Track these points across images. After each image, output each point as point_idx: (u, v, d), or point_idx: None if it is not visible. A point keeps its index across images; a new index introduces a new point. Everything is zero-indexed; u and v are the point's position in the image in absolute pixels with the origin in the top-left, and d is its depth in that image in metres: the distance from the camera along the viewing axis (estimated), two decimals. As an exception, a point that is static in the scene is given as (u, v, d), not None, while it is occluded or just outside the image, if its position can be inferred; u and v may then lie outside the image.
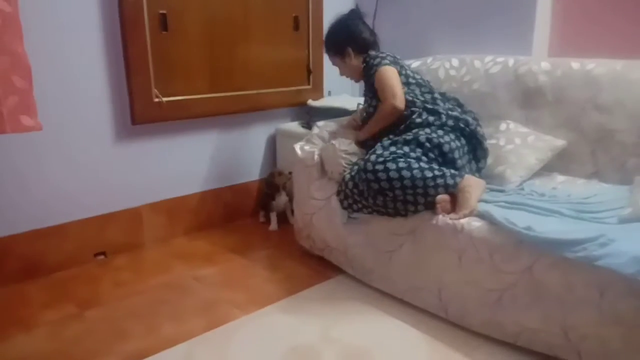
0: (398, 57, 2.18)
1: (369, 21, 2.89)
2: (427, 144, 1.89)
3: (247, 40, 2.62)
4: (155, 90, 2.32)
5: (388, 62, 2.10)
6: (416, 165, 1.80)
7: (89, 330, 1.81)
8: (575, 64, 2.11)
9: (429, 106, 2.04)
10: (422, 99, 2.07)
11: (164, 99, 2.35)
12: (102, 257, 2.37)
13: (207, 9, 2.43)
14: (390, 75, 2.06)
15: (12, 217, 2.09)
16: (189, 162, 2.60)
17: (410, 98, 2.06)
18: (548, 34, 2.44)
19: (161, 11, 2.27)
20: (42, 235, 2.17)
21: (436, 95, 2.12)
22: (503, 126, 2.17)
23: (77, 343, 1.74)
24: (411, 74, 2.14)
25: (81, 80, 2.16)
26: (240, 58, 2.62)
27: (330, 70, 2.39)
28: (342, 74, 2.29)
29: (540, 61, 2.19)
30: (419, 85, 2.11)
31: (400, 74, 2.09)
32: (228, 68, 2.58)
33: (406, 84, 2.10)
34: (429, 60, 2.52)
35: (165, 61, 2.34)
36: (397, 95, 2.00)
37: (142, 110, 2.30)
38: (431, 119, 2.00)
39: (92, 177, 2.28)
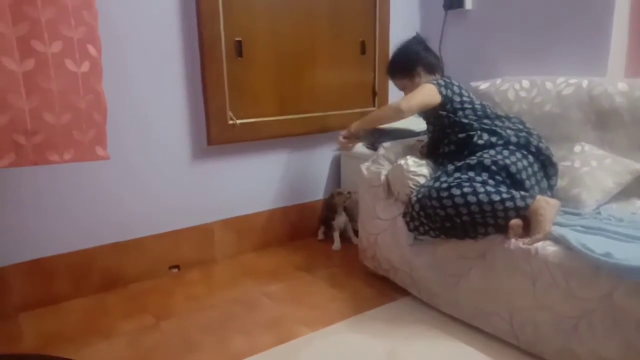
0: (456, 83, 2.17)
1: (435, 43, 2.96)
2: (493, 167, 1.86)
3: (315, 64, 2.71)
4: (230, 113, 2.44)
5: (435, 82, 2.13)
6: (482, 190, 1.77)
7: (164, 341, 1.90)
8: (655, 85, 2.03)
9: (487, 127, 2.03)
10: (479, 121, 2.07)
11: (238, 121, 2.46)
12: (175, 270, 2.49)
13: (279, 35, 2.54)
14: (423, 89, 2.12)
15: (96, 229, 2.24)
16: (259, 181, 2.70)
17: (467, 121, 2.07)
18: (625, 55, 2.36)
19: (237, 38, 2.40)
20: (121, 248, 2.31)
21: (495, 116, 2.12)
22: (577, 148, 2.11)
23: (153, 353, 1.83)
24: (467, 99, 2.13)
25: (162, 104, 2.31)
26: (308, 82, 2.71)
27: (395, 92, 2.43)
28: None
29: (616, 82, 2.12)
30: (474, 110, 2.11)
31: (453, 99, 2.10)
32: (297, 91, 2.68)
33: (461, 109, 2.10)
34: (498, 81, 2.50)
35: (239, 85, 2.46)
36: (411, 105, 2.08)
37: (218, 131, 2.42)
38: (494, 139, 1.98)
39: (170, 194, 2.41)
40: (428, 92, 2.10)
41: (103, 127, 1.75)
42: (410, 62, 2.24)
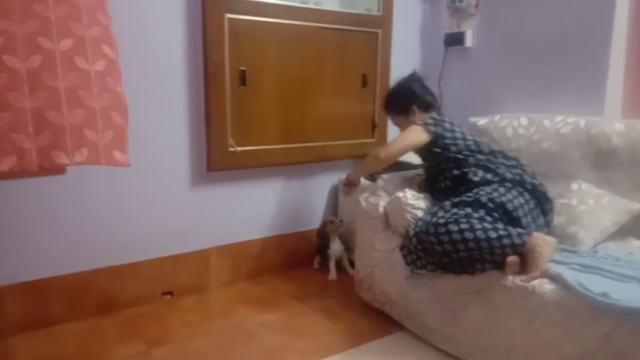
0: (448, 119, 2.22)
1: (435, 79, 3.01)
2: (490, 204, 1.88)
3: (317, 96, 2.75)
4: (231, 140, 2.46)
5: (422, 123, 2.18)
6: (479, 226, 1.78)
7: (156, 369, 1.88)
8: (652, 126, 2.07)
9: (482, 163, 2.06)
10: (473, 156, 2.10)
11: (238, 149, 2.48)
12: (169, 296, 2.46)
13: (283, 66, 2.59)
14: (408, 133, 2.18)
15: (93, 252, 2.23)
16: (256, 208, 2.70)
17: (461, 157, 2.10)
18: (621, 96, 2.41)
19: (241, 68, 2.44)
20: (118, 271, 2.30)
21: (488, 151, 2.16)
22: (574, 186, 2.13)
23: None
24: (459, 135, 2.16)
25: (164, 129, 2.33)
26: (310, 112, 2.74)
27: (393, 125, 2.46)
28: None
29: (613, 122, 2.16)
30: (467, 145, 2.14)
31: (444, 135, 2.14)
32: (299, 121, 2.71)
33: (453, 144, 2.13)
34: (497, 118, 2.54)
35: (242, 113, 2.48)
36: (389, 153, 2.17)
37: (218, 158, 2.44)
38: (489, 176, 2.00)
39: (168, 219, 2.41)
40: (411, 135, 2.16)
41: (124, 130, 1.65)
42: (406, 100, 2.28)
